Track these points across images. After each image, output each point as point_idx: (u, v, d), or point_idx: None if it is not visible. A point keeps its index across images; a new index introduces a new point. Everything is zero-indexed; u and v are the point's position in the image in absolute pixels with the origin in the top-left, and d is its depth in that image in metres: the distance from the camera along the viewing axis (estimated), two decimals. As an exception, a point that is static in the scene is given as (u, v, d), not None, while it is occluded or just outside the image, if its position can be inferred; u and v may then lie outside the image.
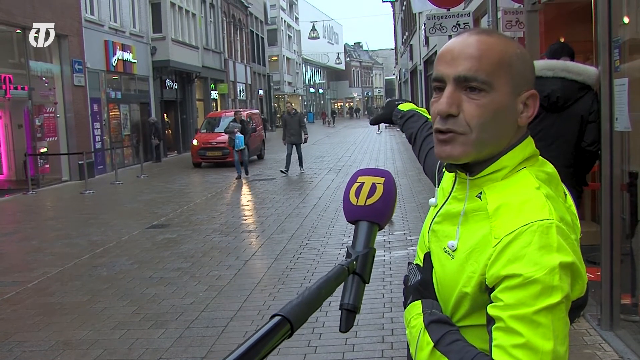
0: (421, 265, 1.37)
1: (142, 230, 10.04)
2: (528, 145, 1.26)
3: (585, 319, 4.76)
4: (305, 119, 18.87)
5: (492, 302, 1.12)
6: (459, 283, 1.20)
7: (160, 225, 10.43)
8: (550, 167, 1.27)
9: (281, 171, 17.38)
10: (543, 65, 4.69)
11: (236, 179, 16.77)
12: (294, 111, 18.05)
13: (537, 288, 1.07)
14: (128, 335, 5.18)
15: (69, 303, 6.20)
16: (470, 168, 1.26)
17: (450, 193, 1.32)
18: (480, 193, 1.23)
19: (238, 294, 6.27)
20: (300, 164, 17.84)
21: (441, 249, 1.28)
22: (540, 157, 1.28)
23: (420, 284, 1.33)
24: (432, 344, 1.18)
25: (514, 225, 1.13)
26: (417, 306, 1.28)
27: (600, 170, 4.61)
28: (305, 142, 18.18)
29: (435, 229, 1.32)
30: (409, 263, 1.42)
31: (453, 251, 1.23)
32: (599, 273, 4.76)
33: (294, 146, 17.44)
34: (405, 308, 1.34)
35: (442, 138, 1.22)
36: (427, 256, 1.34)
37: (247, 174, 17.26)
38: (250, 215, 11.21)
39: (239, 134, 17.07)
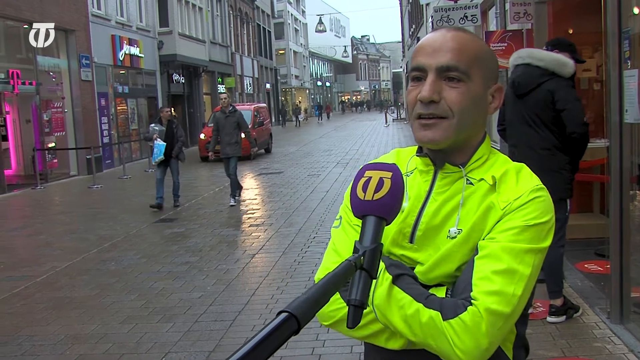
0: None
1: (150, 224, 10.06)
2: (489, 139, 1.45)
3: (595, 312, 4.74)
4: (249, 121, 11.80)
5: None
6: (464, 253, 1.31)
7: (168, 219, 10.45)
8: None
9: (231, 205, 11.35)
10: (516, 54, 4.89)
11: (152, 207, 11.07)
12: (231, 108, 11.55)
13: (533, 233, 1.27)
14: (136, 329, 5.19)
15: (77, 297, 6.23)
16: (451, 161, 1.38)
17: (430, 193, 1.39)
18: (469, 180, 1.36)
19: (246, 288, 6.28)
20: (233, 191, 11.56)
21: (442, 244, 1.34)
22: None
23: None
24: (391, 277, 1.28)
25: (518, 190, 1.31)
26: None
27: (609, 162, 4.58)
28: (252, 156, 12.26)
29: (427, 229, 1.36)
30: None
31: (457, 233, 1.33)
32: (608, 266, 4.74)
33: (229, 161, 11.51)
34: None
35: (425, 122, 1.34)
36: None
37: (177, 203, 11.55)
38: (258, 209, 11.21)
39: (158, 142, 11.15)
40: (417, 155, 1.45)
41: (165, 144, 11.12)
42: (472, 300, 1.23)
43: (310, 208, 10.68)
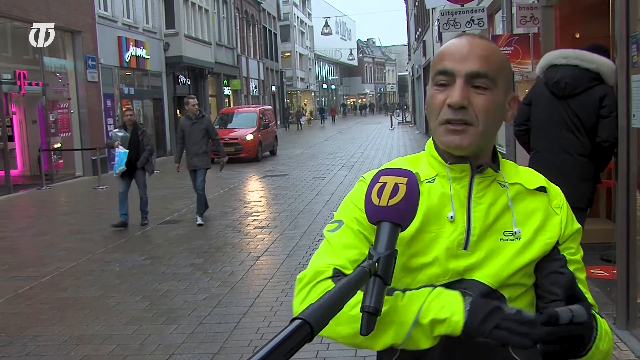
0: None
1: (154, 225, 10.06)
2: None
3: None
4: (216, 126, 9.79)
5: (558, 251, 1.35)
6: (529, 256, 1.33)
7: (173, 221, 10.46)
8: None
9: (199, 224, 9.83)
10: (558, 53, 4.68)
11: (114, 226, 9.67)
12: (198, 113, 10.05)
13: (579, 235, 1.41)
14: (141, 331, 5.19)
15: (82, 298, 6.23)
16: (479, 165, 1.36)
17: (470, 200, 1.35)
18: (501, 183, 1.37)
19: (250, 290, 6.27)
20: (200, 209, 10.08)
21: (495, 246, 1.33)
22: None
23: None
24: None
25: (556, 195, 1.41)
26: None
27: (616, 167, 4.56)
28: (221, 169, 11.08)
29: (481, 233, 1.33)
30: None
31: (516, 234, 1.33)
32: (614, 271, 4.72)
33: (196, 174, 10.13)
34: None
35: (453, 128, 1.31)
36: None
37: (144, 221, 10.06)
38: (263, 212, 11.21)
39: (120, 149, 9.62)
40: (450, 164, 1.37)
41: (127, 151, 9.56)
42: (592, 309, 1.24)
43: (315, 211, 10.67)
